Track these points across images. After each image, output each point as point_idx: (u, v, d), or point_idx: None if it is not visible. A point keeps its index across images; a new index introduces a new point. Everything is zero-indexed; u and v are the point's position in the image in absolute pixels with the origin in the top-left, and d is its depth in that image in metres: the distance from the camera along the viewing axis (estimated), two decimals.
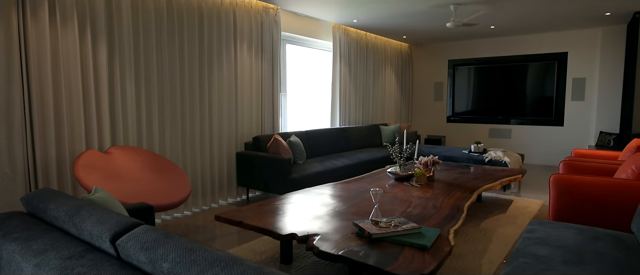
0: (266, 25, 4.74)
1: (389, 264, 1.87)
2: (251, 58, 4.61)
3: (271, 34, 4.84)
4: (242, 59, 4.51)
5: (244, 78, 4.54)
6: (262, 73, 4.77)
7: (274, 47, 4.88)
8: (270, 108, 4.89)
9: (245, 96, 4.57)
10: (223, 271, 0.90)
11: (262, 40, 4.73)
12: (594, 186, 2.59)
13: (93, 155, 3.01)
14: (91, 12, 3.21)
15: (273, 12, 4.80)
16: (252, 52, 4.61)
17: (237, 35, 4.42)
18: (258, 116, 4.76)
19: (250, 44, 4.58)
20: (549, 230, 2.17)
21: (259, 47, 4.71)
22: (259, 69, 4.73)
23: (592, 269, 1.65)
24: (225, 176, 4.43)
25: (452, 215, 2.68)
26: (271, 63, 4.87)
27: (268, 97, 4.85)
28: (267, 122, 4.84)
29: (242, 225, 2.51)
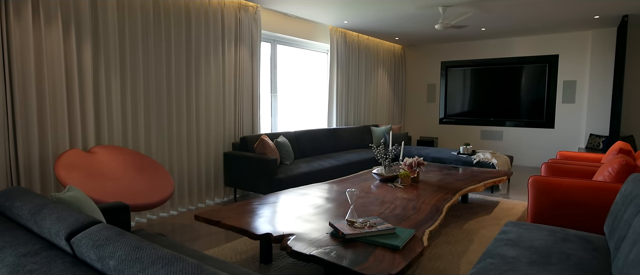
0: (245, 23, 4.66)
1: (359, 264, 1.88)
2: (231, 57, 4.54)
3: (250, 32, 4.77)
4: (225, 58, 4.47)
5: (229, 77, 4.54)
6: (242, 72, 4.68)
7: (253, 46, 4.82)
8: (249, 108, 4.83)
9: (230, 96, 4.57)
10: (163, 268, 0.91)
11: (240, 38, 4.62)
12: (571, 188, 2.60)
13: (75, 154, 3.02)
14: (76, 11, 3.23)
15: (252, 10, 4.74)
16: (232, 51, 4.55)
17: (217, 34, 4.35)
18: (241, 116, 4.72)
19: (230, 43, 4.51)
20: (521, 232, 2.19)
21: (238, 46, 4.62)
22: (240, 68, 4.65)
23: (555, 269, 1.66)
24: (213, 176, 4.44)
25: (431, 216, 2.69)
26: (250, 62, 4.81)
27: (247, 97, 4.78)
28: (246, 123, 4.79)
29: (220, 225, 2.53)
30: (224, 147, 4.53)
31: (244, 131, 4.73)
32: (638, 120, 6.21)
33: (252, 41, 4.79)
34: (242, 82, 4.68)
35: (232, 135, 4.62)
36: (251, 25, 4.76)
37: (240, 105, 4.69)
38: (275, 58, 5.57)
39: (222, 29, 4.38)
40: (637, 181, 1.92)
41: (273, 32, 5.28)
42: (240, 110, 4.70)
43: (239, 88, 4.67)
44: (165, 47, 3.90)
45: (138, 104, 3.71)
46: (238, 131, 4.69)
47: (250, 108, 4.85)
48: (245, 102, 4.75)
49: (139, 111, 3.72)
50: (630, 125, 6.27)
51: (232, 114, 4.62)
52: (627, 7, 4.91)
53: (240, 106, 4.69)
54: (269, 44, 5.49)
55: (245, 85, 4.74)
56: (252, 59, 4.83)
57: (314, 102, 6.43)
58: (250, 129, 4.82)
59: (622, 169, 2.58)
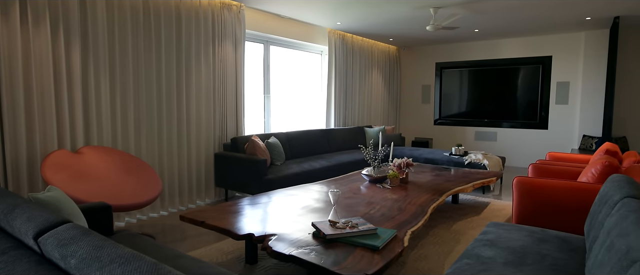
0: (228, 22, 4.58)
1: (337, 264, 1.89)
2: (215, 57, 4.47)
3: (234, 31, 4.68)
4: (209, 58, 4.39)
5: (213, 78, 4.48)
6: (226, 72, 4.60)
7: (237, 45, 4.72)
8: (233, 109, 4.72)
9: (215, 96, 4.52)
10: (120, 267, 0.92)
11: (223, 37, 4.55)
12: (554, 189, 2.62)
13: (62, 155, 3.03)
14: (64, 11, 3.24)
15: (236, 9, 4.66)
16: (215, 50, 4.47)
17: (199, 33, 4.28)
18: (225, 117, 4.63)
19: (213, 42, 4.44)
20: (501, 232, 2.20)
21: (221, 45, 4.53)
22: (223, 68, 4.58)
23: (528, 269, 1.68)
24: (204, 177, 4.45)
25: (415, 217, 2.71)
26: (234, 62, 4.73)
27: (231, 98, 4.68)
28: (230, 123, 4.69)
29: (204, 225, 2.54)
30: (215, 148, 4.54)
31: (228, 132, 4.67)
32: (630, 121, 6.22)
33: (235, 40, 4.70)
34: (225, 83, 4.60)
35: (221, 136, 4.63)
36: (235, 24, 4.68)
37: (223, 106, 4.62)
38: (268, 59, 5.58)
39: (206, 28, 4.31)
40: (613, 182, 1.94)
41: (266, 33, 5.29)
42: (223, 111, 4.63)
43: (223, 88, 4.59)
44: (155, 47, 3.92)
45: (128, 105, 3.72)
46: (223, 132, 4.64)
47: (234, 109, 4.76)
48: (229, 103, 4.66)
49: (128, 112, 3.73)
50: (623, 126, 6.28)
51: (218, 115, 4.57)
52: (618, 9, 4.93)
53: (223, 107, 4.62)
54: (262, 45, 5.51)
55: (229, 85, 4.66)
56: (236, 59, 4.74)
57: (309, 103, 6.44)
58: (234, 130, 4.76)
59: (605, 170, 2.59)
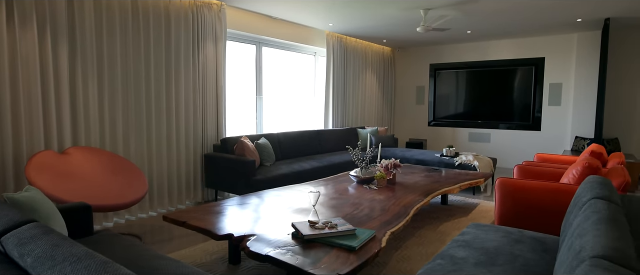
0: (208, 20, 4.47)
1: (311, 264, 1.90)
2: (195, 57, 4.39)
3: (214, 30, 4.56)
4: (189, 58, 4.32)
5: (196, 78, 4.43)
6: (206, 72, 4.52)
7: (217, 45, 4.61)
8: (213, 110, 4.63)
9: (199, 97, 4.47)
10: (71, 265, 0.93)
11: (203, 36, 4.44)
12: (534, 190, 2.63)
13: (48, 155, 3.04)
14: (51, 12, 3.25)
15: (216, 8, 4.56)
16: (193, 50, 4.39)
17: (184, 34, 4.23)
18: (205, 118, 4.56)
19: (193, 42, 4.36)
20: (478, 233, 2.21)
21: (199, 45, 4.42)
22: (204, 68, 4.51)
23: (497, 270, 1.69)
24: (194, 178, 4.46)
25: (396, 217, 2.72)
26: (215, 62, 4.61)
27: (211, 98, 4.59)
28: (211, 125, 4.60)
29: (185, 226, 2.55)
30: (206, 149, 4.55)
31: (208, 133, 4.58)
32: (622, 123, 6.24)
33: (215, 40, 4.59)
34: (207, 83, 4.53)
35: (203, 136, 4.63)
36: (215, 24, 4.56)
37: (204, 106, 4.53)
38: (261, 60, 5.60)
39: (186, 28, 4.24)
40: (587, 183, 1.95)
41: (258, 35, 5.30)
42: (205, 112, 4.54)
43: (205, 89, 4.52)
44: (144, 47, 3.93)
45: (116, 105, 3.74)
46: (204, 133, 4.55)
47: (215, 110, 4.66)
48: (210, 104, 4.58)
49: (116, 112, 3.75)
50: (615, 128, 6.30)
51: (200, 115, 4.48)
52: (608, 11, 4.94)
53: (204, 108, 4.53)
54: (254, 46, 5.52)
55: (210, 86, 4.57)
56: (217, 59, 4.63)
57: (302, 104, 6.46)
58: (214, 132, 4.65)
59: (585, 171, 2.60)
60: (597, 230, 1.18)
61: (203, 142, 4.54)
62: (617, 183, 2.41)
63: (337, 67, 6.59)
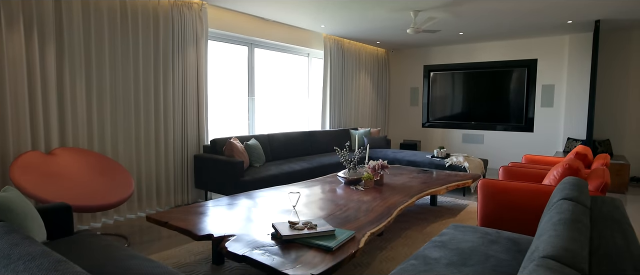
0: (188, 20, 4.38)
1: (286, 265, 1.91)
2: (175, 57, 4.30)
3: (195, 30, 4.48)
4: (168, 59, 4.24)
5: (179, 79, 4.37)
6: (187, 73, 4.42)
7: (198, 45, 4.52)
8: (194, 111, 4.53)
9: (180, 98, 4.42)
10: (24, 264, 0.95)
11: (184, 37, 4.36)
12: (515, 191, 2.64)
13: (33, 156, 3.05)
14: (38, 13, 3.27)
15: (197, 7, 4.47)
16: (178, 51, 4.33)
17: (158, 33, 4.13)
18: (185, 120, 4.46)
19: (172, 43, 4.27)
20: (456, 234, 2.22)
21: (177, 45, 4.31)
22: (185, 69, 4.41)
23: (468, 270, 1.70)
24: (185, 179, 4.47)
25: (379, 218, 2.73)
26: (196, 62, 4.52)
27: (192, 100, 4.49)
28: (191, 127, 4.49)
29: (167, 226, 2.56)
30: (197, 150, 4.56)
31: (189, 135, 4.47)
32: (614, 124, 6.25)
33: (196, 40, 4.50)
34: (186, 84, 4.43)
35: (193, 138, 4.65)
36: (196, 23, 4.48)
37: (184, 108, 4.44)
38: (253, 61, 5.61)
39: (165, 28, 4.17)
40: (562, 184, 1.96)
41: (250, 36, 5.32)
42: (185, 114, 4.45)
43: (187, 90, 4.44)
44: (133, 49, 3.95)
45: (104, 106, 3.75)
46: (184, 135, 4.46)
47: (196, 111, 4.57)
48: (190, 105, 4.48)
49: (105, 113, 3.76)
50: (607, 129, 6.31)
51: (186, 117, 4.44)
52: (598, 13, 4.96)
53: (184, 109, 4.44)
54: (246, 47, 5.54)
55: (190, 87, 4.46)
56: (198, 59, 4.53)
57: (296, 106, 6.47)
58: (195, 134, 4.56)
59: (565, 172, 2.61)
60: (554, 231, 1.19)
61: (191, 143, 4.55)
62: (596, 184, 2.42)
63: (333, 69, 6.62)
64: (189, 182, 4.53)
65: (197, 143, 4.59)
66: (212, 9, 4.80)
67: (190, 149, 4.51)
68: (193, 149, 4.55)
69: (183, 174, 4.47)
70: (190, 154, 4.52)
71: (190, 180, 4.53)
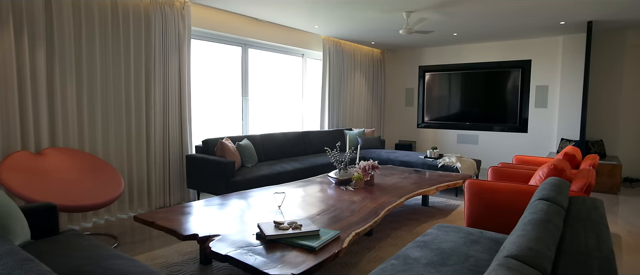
0: (170, 19, 4.29)
1: (268, 265, 1.92)
2: (159, 57, 4.25)
3: (177, 29, 4.37)
4: (156, 58, 4.21)
5: (167, 79, 4.35)
6: (169, 73, 4.33)
7: (180, 44, 4.42)
8: (176, 112, 4.44)
9: (162, 98, 4.34)
10: None
11: (164, 36, 4.27)
12: (500, 191, 2.65)
13: (22, 156, 3.06)
14: (28, 13, 3.27)
15: (179, 5, 4.37)
16: (161, 51, 4.26)
17: (139, 33, 4.05)
18: (167, 122, 4.38)
19: (157, 42, 4.22)
20: (439, 234, 2.23)
21: (161, 45, 4.25)
22: (167, 69, 4.32)
23: (446, 270, 1.71)
24: (177, 179, 4.48)
25: (365, 219, 2.74)
26: (178, 62, 4.42)
27: (174, 101, 4.40)
28: (173, 128, 4.39)
29: (153, 226, 2.57)
30: (180, 150, 4.51)
31: (170, 137, 4.37)
32: (607, 125, 6.27)
33: (178, 39, 4.39)
34: (168, 84, 4.34)
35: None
36: (178, 22, 4.37)
37: (166, 108, 4.35)
38: (247, 62, 5.62)
39: (148, 28, 4.12)
40: (544, 184, 1.97)
41: (243, 37, 5.33)
42: (166, 115, 4.36)
43: (170, 90, 4.35)
44: (124, 48, 3.95)
45: (95, 106, 3.76)
46: (166, 137, 4.37)
47: (178, 112, 4.47)
48: (172, 106, 4.38)
49: (95, 113, 3.76)
50: (600, 130, 6.33)
51: (162, 117, 4.32)
52: (590, 14, 4.98)
53: (166, 109, 4.35)
54: (240, 48, 5.55)
55: (172, 88, 4.36)
56: (180, 59, 4.43)
57: (291, 106, 6.48)
58: (177, 135, 4.46)
59: (550, 173, 2.62)
60: (522, 231, 1.20)
61: (174, 143, 4.46)
62: (580, 185, 2.44)
63: (332, 69, 6.65)
64: (182, 183, 4.53)
65: (179, 143, 4.50)
66: (205, 10, 4.81)
67: (183, 149, 4.51)
68: (176, 149, 4.45)
69: (175, 174, 4.47)
70: (178, 154, 4.50)
71: (182, 181, 4.54)
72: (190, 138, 4.60)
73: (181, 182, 4.55)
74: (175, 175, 4.48)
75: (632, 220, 4.07)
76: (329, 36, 6.68)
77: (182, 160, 4.53)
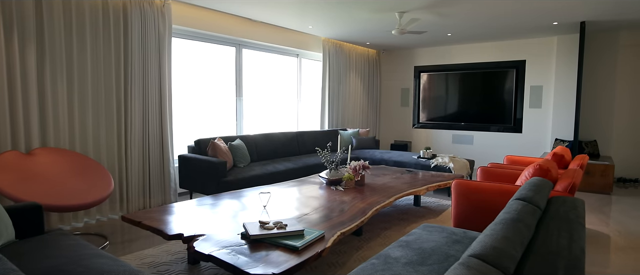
0: (149, 17, 4.18)
1: (249, 264, 1.93)
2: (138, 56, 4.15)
3: (157, 27, 4.27)
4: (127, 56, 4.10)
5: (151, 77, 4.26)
6: (149, 72, 4.22)
7: (160, 43, 4.30)
8: (156, 113, 4.32)
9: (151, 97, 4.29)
10: None
11: (143, 35, 4.17)
12: (486, 192, 2.66)
13: (12, 156, 3.07)
14: (18, 13, 3.28)
15: (159, 2, 4.27)
16: (140, 49, 4.17)
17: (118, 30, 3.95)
18: (147, 122, 4.28)
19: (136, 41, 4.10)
20: (423, 234, 2.24)
21: (140, 44, 4.16)
22: (147, 68, 4.22)
23: (424, 269, 1.72)
24: (169, 178, 4.48)
25: (353, 218, 2.75)
26: (158, 61, 4.32)
27: (154, 102, 4.28)
28: (152, 128, 4.28)
29: (140, 226, 2.58)
30: (160, 148, 4.44)
31: (150, 138, 4.26)
32: (601, 125, 6.28)
33: (158, 37, 4.29)
34: (147, 84, 4.23)
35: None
36: (157, 20, 4.27)
37: (146, 109, 4.24)
38: (241, 62, 5.63)
39: (129, 26, 4.05)
40: (525, 184, 1.98)
41: (237, 37, 5.34)
42: (146, 116, 4.24)
43: (146, 91, 4.24)
44: (115, 47, 3.96)
45: (86, 106, 3.77)
46: (145, 138, 4.25)
47: (158, 113, 4.35)
48: (152, 107, 4.27)
49: (87, 113, 3.77)
50: (594, 130, 6.34)
51: (139, 119, 4.20)
52: (583, 14, 4.98)
53: (146, 111, 4.24)
54: (234, 48, 5.56)
55: (152, 87, 4.26)
56: (160, 58, 4.32)
57: (286, 106, 6.49)
58: (157, 136, 4.34)
59: (536, 173, 2.63)
60: (491, 230, 1.21)
61: (165, 143, 4.41)
62: (564, 185, 2.45)
63: (331, 70, 6.68)
64: (174, 182, 4.53)
65: (159, 144, 4.37)
66: (195, 10, 4.82)
67: (175, 149, 4.52)
68: (156, 150, 4.32)
69: (168, 174, 4.47)
70: (158, 155, 4.37)
71: (175, 181, 4.54)
72: (171, 138, 4.47)
73: (162, 184, 4.41)
74: (170, 175, 4.47)
75: (623, 221, 4.08)
76: (329, 37, 6.70)
77: (162, 162, 4.41)
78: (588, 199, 5.07)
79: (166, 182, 4.44)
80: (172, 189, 4.47)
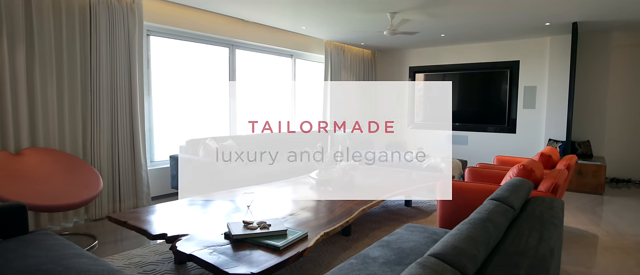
0: (118, 14, 4.02)
1: (229, 264, 1.94)
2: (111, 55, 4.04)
3: (127, 26, 4.11)
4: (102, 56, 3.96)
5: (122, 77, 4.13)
6: (117, 72, 4.06)
7: (130, 42, 4.14)
8: (126, 113, 4.16)
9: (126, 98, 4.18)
10: None
11: (111, 32, 4.01)
12: (470, 192, 2.67)
13: (1, 156, 3.08)
14: (7, 12, 3.29)
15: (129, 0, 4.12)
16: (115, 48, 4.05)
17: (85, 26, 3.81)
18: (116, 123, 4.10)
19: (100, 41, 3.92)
20: (404, 234, 2.25)
21: (101, 41, 3.93)
22: (115, 67, 4.06)
23: (400, 269, 1.73)
24: (163, 179, 4.50)
25: (338, 218, 2.76)
26: (128, 61, 4.16)
27: (123, 102, 4.12)
28: (121, 130, 4.11)
29: (126, 225, 2.59)
30: (142, 155, 4.38)
31: (119, 140, 4.10)
32: (594, 125, 6.29)
33: (128, 35, 4.13)
34: (116, 84, 4.08)
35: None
36: (127, 17, 4.11)
37: (114, 112, 4.08)
38: (234, 63, 5.64)
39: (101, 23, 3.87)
40: (504, 184, 1.99)
41: (231, 38, 5.35)
42: (114, 119, 4.09)
43: (114, 91, 4.08)
44: (106, 46, 3.97)
45: (76, 106, 3.78)
46: (115, 142, 4.10)
47: (128, 115, 4.19)
48: (121, 107, 4.11)
49: (76, 113, 3.78)
50: (587, 130, 6.35)
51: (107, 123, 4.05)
52: (575, 15, 4.99)
53: (114, 114, 4.09)
54: (227, 49, 5.57)
55: (121, 87, 4.10)
56: (130, 57, 4.16)
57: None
58: (129, 138, 4.19)
59: (520, 173, 2.65)
60: (457, 230, 1.23)
61: (136, 145, 4.26)
62: (547, 185, 2.46)
63: (333, 71, 6.72)
64: (147, 187, 4.38)
65: (131, 147, 4.19)
66: (182, 9, 4.83)
67: (168, 149, 4.53)
68: (126, 152, 4.13)
69: (140, 178, 4.27)
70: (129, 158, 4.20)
71: (148, 185, 4.37)
72: (144, 142, 4.31)
73: (133, 189, 4.26)
74: (162, 175, 4.47)
75: (612, 221, 4.09)
76: (330, 40, 6.74)
77: (134, 166, 4.25)
78: (580, 199, 5.09)
79: (138, 187, 4.26)
80: (144, 193, 4.29)
